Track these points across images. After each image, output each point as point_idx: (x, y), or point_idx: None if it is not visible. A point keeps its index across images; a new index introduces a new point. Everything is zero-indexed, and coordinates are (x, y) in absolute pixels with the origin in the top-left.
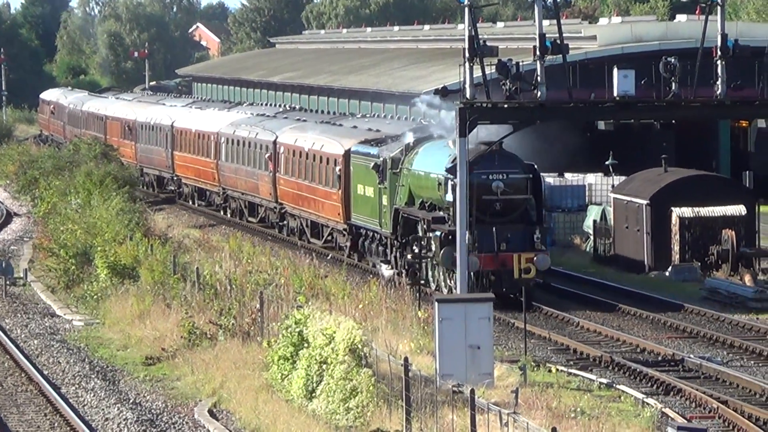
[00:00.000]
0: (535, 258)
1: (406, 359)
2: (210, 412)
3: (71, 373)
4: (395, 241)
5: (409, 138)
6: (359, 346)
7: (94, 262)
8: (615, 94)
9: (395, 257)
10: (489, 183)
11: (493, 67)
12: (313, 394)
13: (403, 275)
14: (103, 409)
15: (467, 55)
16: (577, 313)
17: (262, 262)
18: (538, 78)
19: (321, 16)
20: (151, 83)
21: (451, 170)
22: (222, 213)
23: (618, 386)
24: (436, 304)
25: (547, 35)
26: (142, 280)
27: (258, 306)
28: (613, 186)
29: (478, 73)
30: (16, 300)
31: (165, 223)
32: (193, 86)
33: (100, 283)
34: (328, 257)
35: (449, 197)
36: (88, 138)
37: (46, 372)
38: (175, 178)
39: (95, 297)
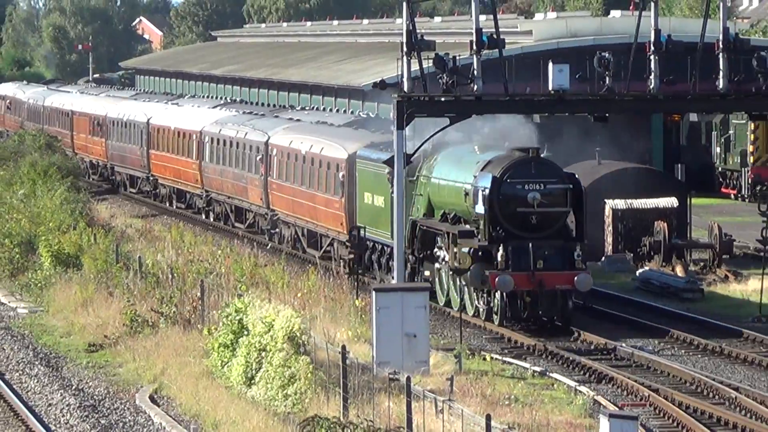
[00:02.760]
0: (576, 278)
1: (343, 347)
2: (151, 398)
3: (15, 360)
4: (410, 256)
5: (427, 143)
6: (298, 334)
7: (38, 250)
8: (550, 88)
9: (409, 272)
10: (525, 194)
11: (431, 61)
12: (253, 381)
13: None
14: (46, 395)
15: (405, 49)
16: None
17: (203, 252)
18: (475, 72)
19: (262, 10)
20: (95, 76)
21: (480, 178)
22: (204, 217)
23: (551, 374)
24: (374, 293)
25: (483, 30)
26: (85, 268)
27: (199, 294)
28: None
29: (416, 66)
30: None
31: (108, 212)
32: (136, 79)
33: (45, 271)
34: (267, 246)
35: (479, 209)
36: (33, 130)
37: None
38: (150, 178)
39: (39, 285)
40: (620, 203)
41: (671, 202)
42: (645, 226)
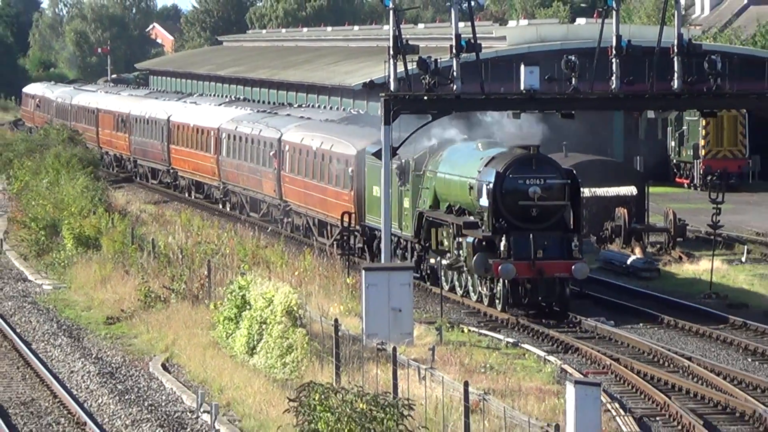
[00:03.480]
0: (573, 267)
1: (336, 320)
2: (163, 366)
3: (41, 331)
4: (417, 245)
5: (433, 140)
6: (295, 309)
7: (61, 233)
8: (522, 87)
9: (415, 260)
10: (526, 188)
11: (415, 63)
12: (254, 351)
13: (427, 281)
14: (68, 363)
15: (392, 52)
16: None
17: (210, 234)
18: (454, 73)
19: (263, 17)
20: (113, 76)
21: (484, 173)
22: (221, 206)
23: (523, 345)
24: (363, 272)
25: (462, 35)
26: (103, 249)
27: (206, 273)
28: None
29: (401, 68)
30: None
31: (124, 199)
32: (150, 79)
33: (67, 251)
34: (268, 230)
35: (483, 202)
36: (55, 123)
37: (18, 330)
38: (171, 170)
39: (62, 264)
40: (585, 191)
41: (631, 190)
42: (607, 212)
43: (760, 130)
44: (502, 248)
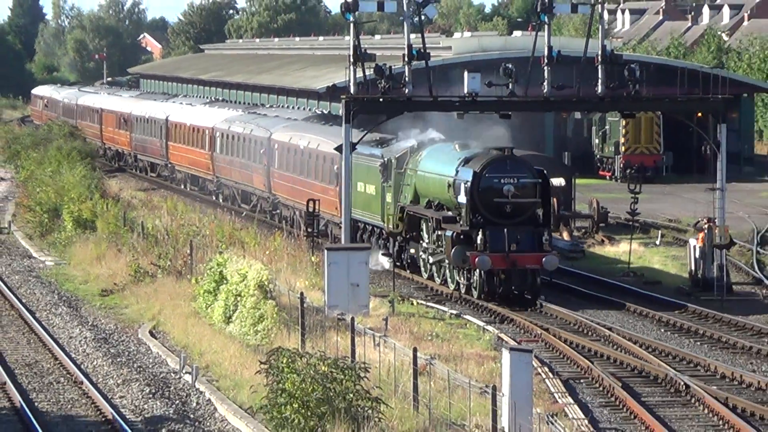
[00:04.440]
0: (544, 259)
1: (301, 294)
2: (150, 332)
3: (43, 302)
4: (399, 237)
5: (412, 141)
6: (266, 283)
7: (62, 216)
8: (465, 91)
9: (396, 250)
10: (500, 186)
11: (372, 69)
12: (230, 320)
13: (406, 267)
14: (68, 330)
15: (352, 60)
16: None
17: (192, 218)
18: (406, 78)
19: (240, 28)
20: (108, 79)
21: (462, 173)
22: (214, 198)
23: (465, 316)
24: (326, 251)
25: (413, 45)
26: (99, 230)
27: (188, 251)
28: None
29: (360, 74)
30: (2, 245)
31: (117, 186)
32: (141, 82)
33: (67, 232)
34: (243, 214)
35: (462, 198)
36: (58, 120)
37: (24, 300)
38: (168, 164)
39: (63, 243)
40: None
41: (560, 181)
42: None
43: (673, 130)
44: (478, 241)
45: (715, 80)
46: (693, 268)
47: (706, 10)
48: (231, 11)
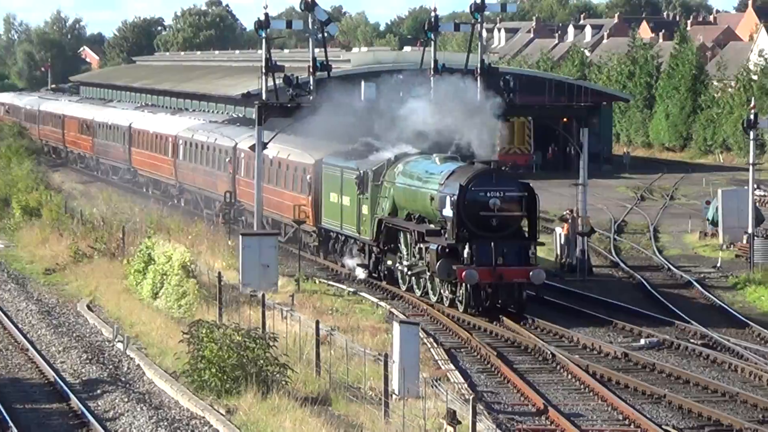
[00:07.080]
0: (531, 273)
1: (219, 273)
2: (88, 306)
3: None
4: (375, 248)
5: (389, 154)
6: (188, 264)
7: (11, 205)
8: (362, 98)
9: (373, 261)
10: (486, 200)
11: (281, 79)
12: (157, 296)
13: (383, 278)
14: (16, 304)
15: (264, 70)
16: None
17: (125, 207)
18: (311, 87)
19: (167, 42)
20: (52, 86)
21: (447, 186)
22: (176, 202)
23: (361, 293)
24: (240, 236)
25: (317, 58)
26: (43, 217)
27: (121, 236)
28: None
29: (271, 83)
30: None
31: (60, 179)
32: (81, 89)
33: (15, 219)
34: (169, 204)
35: (447, 212)
36: (7, 122)
37: None
38: (131, 169)
39: (12, 228)
40: None
41: None
42: None
43: (542, 133)
44: (465, 255)
45: (578, 90)
46: (559, 253)
47: (571, 29)
48: (159, 27)
